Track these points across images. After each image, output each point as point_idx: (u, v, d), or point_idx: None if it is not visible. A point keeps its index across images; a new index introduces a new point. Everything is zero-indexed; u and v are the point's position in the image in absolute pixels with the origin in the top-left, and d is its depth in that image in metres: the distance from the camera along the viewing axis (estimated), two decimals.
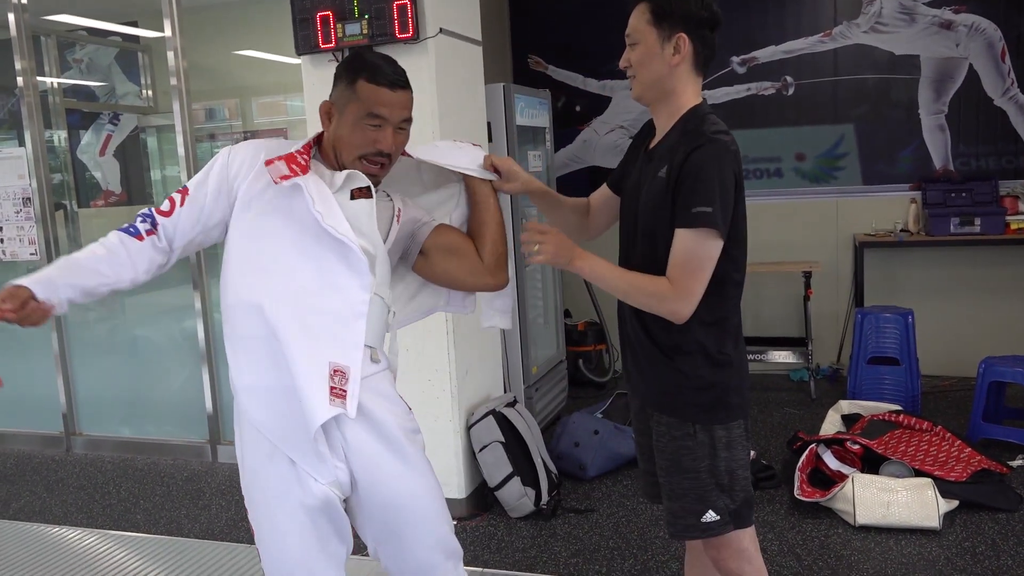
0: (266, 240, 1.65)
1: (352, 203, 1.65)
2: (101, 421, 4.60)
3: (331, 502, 1.67)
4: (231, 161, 1.69)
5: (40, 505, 3.83)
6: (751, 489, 1.82)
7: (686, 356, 1.74)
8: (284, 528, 1.68)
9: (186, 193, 1.70)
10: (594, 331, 5.05)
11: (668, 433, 1.79)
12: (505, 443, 3.30)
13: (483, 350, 3.57)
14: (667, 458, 1.80)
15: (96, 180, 5.22)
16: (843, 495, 3.09)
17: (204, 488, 3.87)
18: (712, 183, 1.64)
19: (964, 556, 2.82)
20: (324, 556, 1.69)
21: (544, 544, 3.10)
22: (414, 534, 1.74)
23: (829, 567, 2.80)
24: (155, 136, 5.30)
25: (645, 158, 1.82)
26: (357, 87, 1.63)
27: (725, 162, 1.66)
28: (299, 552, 1.68)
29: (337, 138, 1.67)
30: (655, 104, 1.79)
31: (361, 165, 1.65)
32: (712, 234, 1.64)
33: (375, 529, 1.75)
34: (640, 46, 1.73)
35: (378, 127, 1.63)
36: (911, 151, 4.82)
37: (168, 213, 1.70)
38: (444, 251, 1.79)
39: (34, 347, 4.69)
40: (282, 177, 1.58)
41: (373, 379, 1.70)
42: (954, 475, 3.17)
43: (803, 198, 4.98)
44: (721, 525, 1.78)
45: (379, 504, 1.71)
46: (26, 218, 4.50)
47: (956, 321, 4.74)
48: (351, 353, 1.62)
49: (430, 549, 1.76)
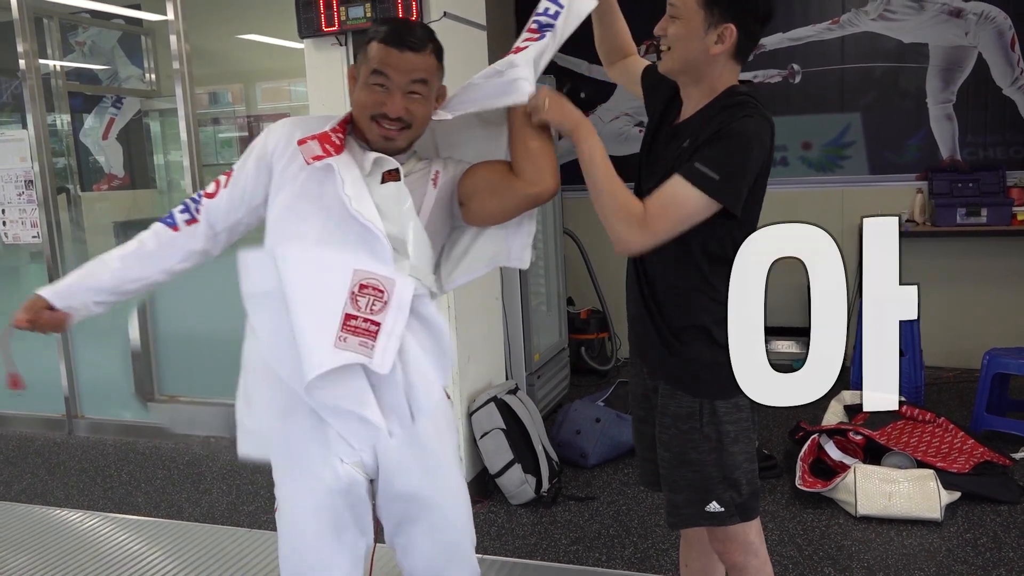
0: (294, 226, 1.59)
1: (382, 187, 1.59)
2: (103, 404, 4.61)
3: (354, 485, 1.61)
4: (268, 140, 1.65)
5: (42, 487, 3.84)
6: (758, 481, 1.79)
7: (692, 337, 1.70)
8: (301, 503, 1.63)
9: (230, 174, 1.67)
10: (597, 319, 5.03)
11: (674, 425, 1.74)
12: (506, 430, 3.30)
13: (485, 337, 3.56)
14: (672, 451, 1.76)
15: (99, 164, 5.21)
16: (845, 485, 3.08)
17: (205, 472, 3.88)
18: (732, 157, 1.56)
19: (965, 548, 2.81)
20: (339, 544, 1.65)
21: (544, 531, 3.09)
22: (431, 535, 1.70)
23: (830, 557, 2.79)
24: (158, 120, 5.29)
25: (670, 133, 1.74)
26: (369, 47, 1.57)
27: (755, 144, 1.58)
28: (313, 536, 1.63)
29: (354, 103, 1.62)
30: (685, 83, 1.70)
31: (376, 127, 1.57)
32: (707, 200, 1.55)
33: (391, 519, 1.72)
34: (681, 22, 1.62)
35: (384, 88, 1.55)
36: (918, 140, 4.78)
37: (213, 195, 1.67)
38: (480, 193, 1.66)
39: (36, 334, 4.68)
40: (314, 158, 1.53)
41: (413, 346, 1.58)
42: (956, 467, 3.16)
43: (809, 187, 4.94)
44: (727, 516, 1.75)
45: (399, 496, 1.66)
46: (28, 201, 4.49)
47: (961, 312, 4.72)
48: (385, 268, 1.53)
49: (444, 554, 1.72)
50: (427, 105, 1.60)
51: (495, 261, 1.76)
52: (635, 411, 1.93)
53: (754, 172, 1.60)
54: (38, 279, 4.68)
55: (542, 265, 4.51)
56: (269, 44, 4.74)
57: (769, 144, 1.62)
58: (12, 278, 4.99)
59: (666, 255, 1.68)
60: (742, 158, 1.57)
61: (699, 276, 1.68)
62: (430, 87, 1.59)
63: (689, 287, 1.70)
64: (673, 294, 1.73)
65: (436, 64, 1.60)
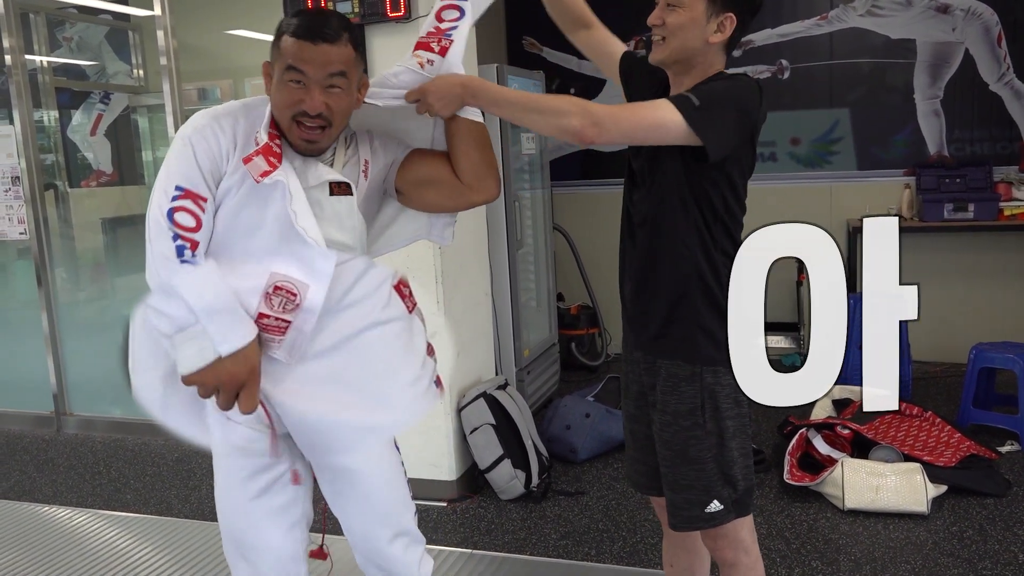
0: (242, 242, 1.55)
1: (332, 201, 1.57)
2: (92, 401, 4.59)
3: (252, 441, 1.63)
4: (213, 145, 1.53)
5: (30, 484, 3.82)
6: (753, 477, 1.79)
7: (690, 300, 1.69)
8: (230, 471, 1.69)
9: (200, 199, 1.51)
10: (587, 315, 5.04)
11: (675, 423, 1.73)
12: (496, 425, 3.31)
13: (474, 332, 3.56)
14: (673, 448, 1.75)
15: (87, 160, 5.18)
16: (832, 479, 3.10)
17: (195, 468, 3.87)
18: (718, 98, 1.57)
19: (952, 540, 2.83)
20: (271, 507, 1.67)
21: (534, 526, 3.10)
22: (359, 494, 1.72)
23: (818, 551, 2.81)
24: (146, 116, 5.26)
25: None
26: (282, 42, 1.51)
27: (746, 96, 1.60)
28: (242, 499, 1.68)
29: (272, 103, 1.55)
30: (677, 72, 1.70)
31: (297, 130, 1.52)
32: (681, 121, 1.53)
33: (326, 479, 1.73)
34: (683, 11, 1.61)
35: (300, 84, 1.48)
36: (906, 136, 4.81)
37: (197, 229, 1.51)
38: (419, 184, 1.68)
39: (24, 328, 4.67)
40: (263, 174, 1.48)
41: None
42: (943, 460, 3.18)
43: (797, 182, 4.96)
44: (724, 515, 1.75)
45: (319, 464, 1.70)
46: (15, 197, 4.46)
47: (948, 307, 4.75)
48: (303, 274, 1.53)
49: (377, 518, 1.74)
50: (347, 99, 1.54)
51: (416, 236, 1.79)
52: (628, 409, 1.91)
53: (738, 126, 1.60)
54: (25, 276, 4.65)
55: (532, 261, 4.51)
56: (257, 40, 4.72)
57: (757, 110, 1.63)
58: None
59: (661, 218, 1.69)
60: (728, 103, 1.58)
61: (696, 236, 1.67)
62: (350, 79, 1.52)
63: (685, 247, 1.68)
64: (669, 257, 1.70)
65: (354, 54, 1.52)
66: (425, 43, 1.65)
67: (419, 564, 1.81)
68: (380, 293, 1.63)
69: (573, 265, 5.05)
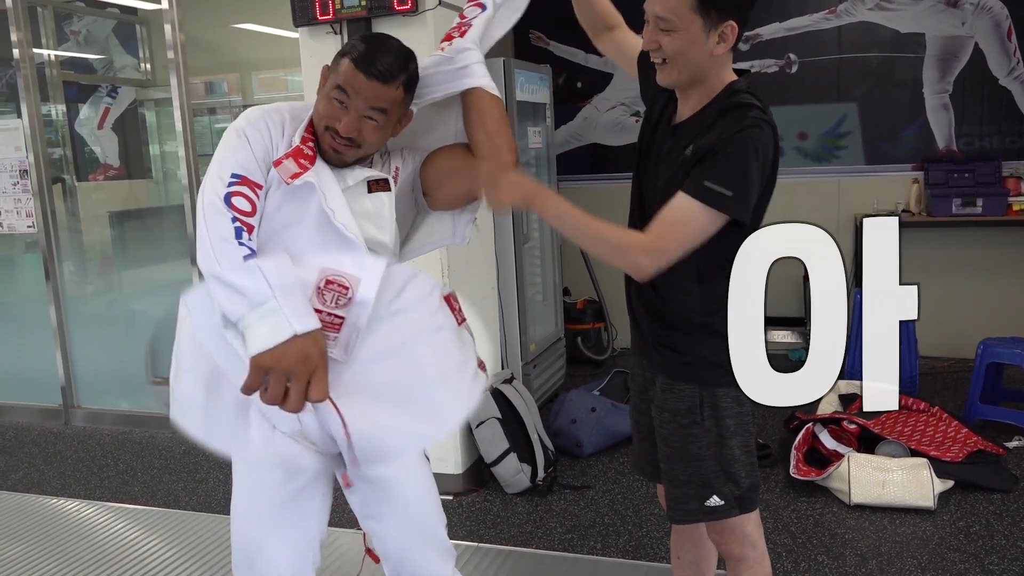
0: (281, 231, 1.56)
1: (371, 198, 1.59)
2: (100, 394, 4.61)
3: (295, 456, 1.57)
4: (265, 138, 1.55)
5: (39, 477, 3.85)
6: (757, 474, 1.77)
7: (692, 331, 1.69)
8: (248, 485, 1.66)
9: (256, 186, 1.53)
10: (593, 309, 5.04)
11: (673, 420, 1.73)
12: (502, 419, 3.31)
13: (481, 326, 3.56)
14: (671, 445, 1.75)
15: (95, 154, 5.20)
16: (838, 474, 3.10)
17: (202, 461, 3.88)
18: (739, 169, 1.52)
19: (958, 535, 2.83)
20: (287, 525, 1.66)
21: (540, 520, 3.11)
22: (394, 510, 1.71)
23: (824, 545, 2.81)
24: (153, 110, 5.27)
25: (669, 131, 1.70)
26: (341, 62, 1.55)
27: (762, 149, 1.54)
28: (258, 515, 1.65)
29: (315, 106, 1.59)
30: (686, 88, 1.65)
31: (328, 138, 1.55)
32: (717, 216, 1.52)
33: (357, 503, 1.73)
34: (679, 34, 1.54)
35: (342, 105, 1.52)
36: (914, 130, 4.78)
37: (253, 213, 1.52)
38: (443, 176, 1.68)
39: (33, 321, 4.69)
40: (292, 176, 1.51)
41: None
42: (950, 455, 3.17)
43: (804, 177, 4.95)
44: (726, 510, 1.74)
45: (357, 476, 1.66)
46: (23, 191, 4.48)
47: (955, 302, 4.73)
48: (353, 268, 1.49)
49: (412, 533, 1.73)
50: (382, 132, 1.57)
51: (441, 242, 1.80)
52: (634, 399, 1.93)
53: (761, 181, 1.58)
54: (33, 269, 4.67)
55: (538, 255, 4.51)
56: (264, 33, 4.72)
57: (773, 152, 1.59)
58: (7, 268, 4.99)
59: None
60: (749, 170, 1.54)
61: (698, 273, 1.66)
62: (389, 116, 1.56)
63: (688, 283, 1.68)
64: (672, 291, 1.71)
65: (402, 97, 1.56)
66: (448, 35, 1.69)
67: None
68: (431, 301, 1.61)
69: (579, 259, 5.05)
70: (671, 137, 1.69)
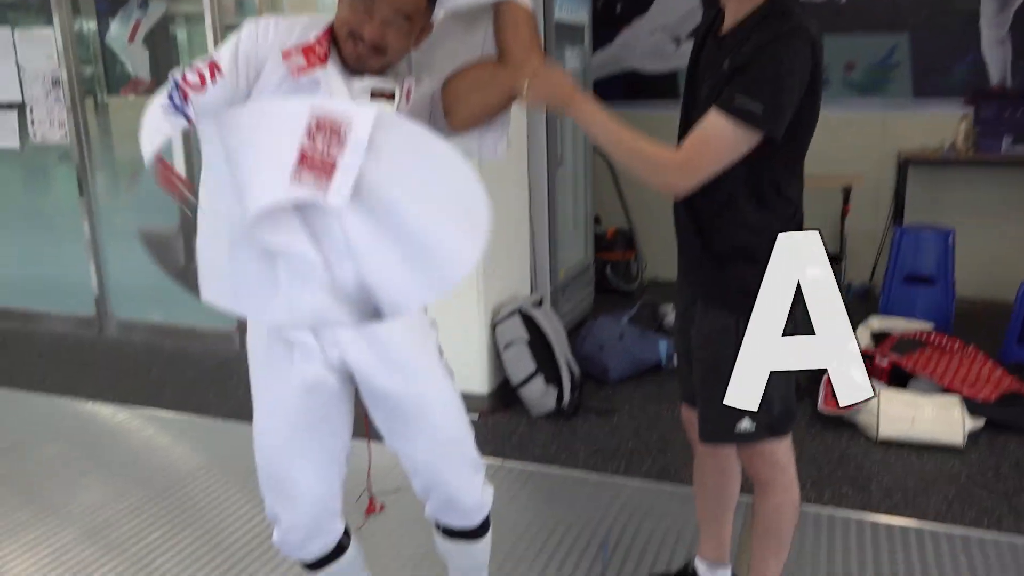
0: None
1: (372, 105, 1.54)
2: (133, 306, 4.67)
3: (320, 384, 1.63)
4: (259, 39, 1.56)
5: (73, 382, 3.93)
6: (793, 401, 1.76)
7: (735, 262, 1.67)
8: (269, 406, 1.68)
9: (214, 68, 1.57)
10: (623, 239, 4.98)
11: (709, 340, 1.72)
12: (530, 341, 3.31)
13: (511, 249, 3.54)
14: (705, 365, 1.75)
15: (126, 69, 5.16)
16: (867, 408, 3.07)
17: (232, 373, 3.94)
18: (772, 83, 1.49)
19: (986, 474, 2.80)
20: (307, 445, 1.67)
21: (564, 442, 3.13)
22: (419, 427, 1.69)
23: (848, 477, 2.80)
24: (184, 27, 5.19)
25: (715, 43, 1.66)
26: None
27: (797, 61, 1.50)
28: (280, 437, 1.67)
29: (337, 15, 1.56)
30: None
31: (351, 45, 1.52)
32: (749, 133, 1.51)
33: (382, 424, 1.72)
34: None
35: (366, 11, 1.49)
36: (967, 64, 4.59)
37: (200, 88, 1.57)
38: (466, 92, 1.63)
39: (66, 232, 4.73)
40: (300, 70, 1.49)
41: None
42: (983, 395, 3.13)
43: (849, 111, 4.78)
44: (756, 434, 1.73)
45: (379, 393, 1.66)
46: (55, 100, 4.46)
47: (997, 244, 4.61)
48: (343, 106, 1.44)
49: (439, 448, 1.71)
50: (406, 39, 1.54)
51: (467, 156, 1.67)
52: (677, 321, 1.93)
53: (797, 94, 1.52)
54: (66, 181, 4.69)
55: (571, 182, 4.44)
56: None
57: (812, 61, 1.53)
58: (41, 179, 5.01)
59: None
60: (782, 84, 1.50)
61: (742, 196, 1.64)
62: (413, 24, 1.53)
63: (731, 208, 1.66)
64: (715, 215, 1.68)
65: (426, 5, 1.54)
66: None
67: (482, 492, 1.79)
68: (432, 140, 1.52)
69: (611, 187, 4.97)
70: (716, 50, 1.65)
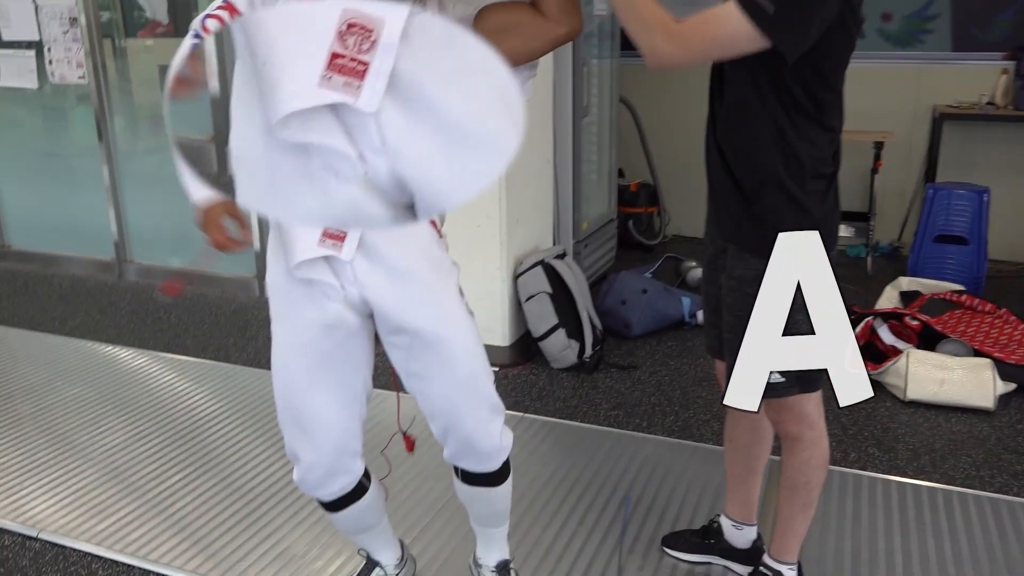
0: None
1: None
2: (152, 250, 4.66)
3: (340, 322, 1.61)
4: None
5: (94, 325, 3.93)
6: None
7: (766, 194, 1.62)
8: (288, 342, 1.66)
9: (233, 10, 1.49)
10: (647, 193, 4.89)
11: (739, 288, 1.67)
12: (552, 294, 3.26)
13: (534, 200, 3.47)
14: (735, 314, 1.69)
15: (143, 14, 5.07)
16: (896, 369, 3.01)
17: (251, 320, 3.93)
18: None
19: (1017, 437, 2.75)
20: (327, 380, 1.65)
21: (585, 396, 3.10)
22: (437, 363, 1.64)
23: (875, 438, 2.76)
24: None
25: None
26: None
27: None
28: (299, 372, 1.65)
29: None
30: None
31: None
32: (753, 32, 1.43)
33: (400, 362, 1.68)
34: None
35: None
36: (1011, 16, 4.41)
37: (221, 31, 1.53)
38: (498, 32, 1.53)
39: (85, 175, 4.70)
40: None
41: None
42: (1015, 358, 3.06)
43: (883, 63, 4.63)
44: (785, 387, 1.69)
45: (397, 329, 1.62)
46: (73, 39, 4.39)
47: None
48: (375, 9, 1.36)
49: (457, 386, 1.66)
50: None
51: None
52: (705, 271, 1.88)
53: (823, 16, 1.45)
54: (84, 123, 4.64)
55: (595, 132, 4.34)
56: None
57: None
58: (60, 120, 4.96)
59: (739, 107, 1.59)
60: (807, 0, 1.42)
61: (774, 128, 1.58)
62: None
63: (763, 140, 1.60)
64: (747, 148, 1.63)
65: None
66: None
67: (500, 435, 1.75)
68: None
69: (636, 140, 4.86)
70: None
